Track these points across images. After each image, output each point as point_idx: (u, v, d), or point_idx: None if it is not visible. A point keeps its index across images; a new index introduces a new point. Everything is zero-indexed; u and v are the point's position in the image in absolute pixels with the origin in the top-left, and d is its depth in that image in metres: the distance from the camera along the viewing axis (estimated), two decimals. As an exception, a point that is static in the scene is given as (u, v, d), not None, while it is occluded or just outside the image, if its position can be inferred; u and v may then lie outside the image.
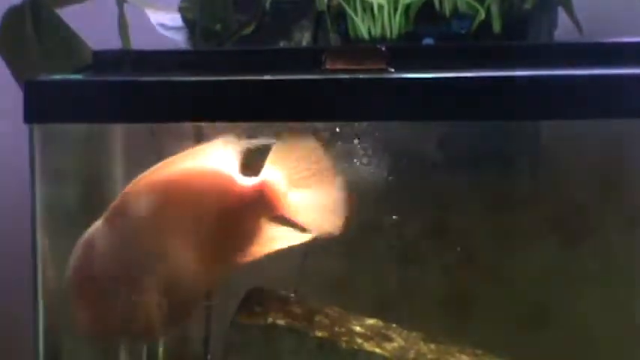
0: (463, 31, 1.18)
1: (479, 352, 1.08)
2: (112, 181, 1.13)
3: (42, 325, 1.05)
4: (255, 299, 1.10)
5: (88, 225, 1.06)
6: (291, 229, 0.90)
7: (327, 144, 0.91)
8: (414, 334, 1.09)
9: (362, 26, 1.18)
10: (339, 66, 1.01)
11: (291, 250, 1.04)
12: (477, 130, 1.05)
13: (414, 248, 1.14)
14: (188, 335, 1.18)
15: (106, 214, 0.93)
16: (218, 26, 1.24)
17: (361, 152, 1.10)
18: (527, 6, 1.18)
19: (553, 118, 0.97)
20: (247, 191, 0.89)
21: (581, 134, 1.06)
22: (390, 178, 1.10)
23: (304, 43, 1.21)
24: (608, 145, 1.07)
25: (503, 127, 1.04)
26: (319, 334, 1.06)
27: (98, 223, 0.93)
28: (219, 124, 0.98)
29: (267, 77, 0.98)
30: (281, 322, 1.06)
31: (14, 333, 1.31)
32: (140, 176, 0.90)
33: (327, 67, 1.01)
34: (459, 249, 1.11)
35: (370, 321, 1.09)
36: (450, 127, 1.05)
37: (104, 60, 1.11)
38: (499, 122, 1.01)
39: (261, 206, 0.89)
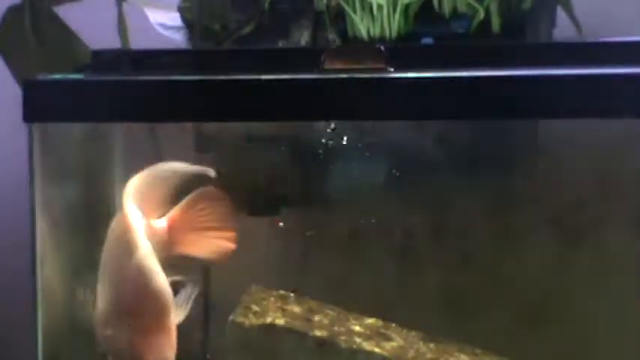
0: (462, 31, 1.17)
1: (478, 351, 1.08)
2: (111, 181, 1.13)
3: (41, 325, 1.05)
4: (254, 299, 1.10)
5: (86, 224, 1.07)
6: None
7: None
8: (413, 333, 1.09)
9: (361, 26, 1.18)
10: (338, 66, 1.01)
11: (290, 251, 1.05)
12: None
13: (414, 248, 1.14)
14: (187, 335, 1.18)
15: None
16: (217, 26, 1.24)
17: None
18: (526, 5, 1.18)
19: (552, 117, 0.97)
20: (156, 232, 0.98)
21: (581, 133, 1.06)
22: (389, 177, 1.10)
23: (303, 43, 1.21)
24: (607, 145, 1.07)
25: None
26: (318, 333, 1.06)
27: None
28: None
29: (266, 77, 0.98)
30: (280, 321, 1.06)
31: (14, 333, 1.31)
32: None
33: (326, 66, 1.01)
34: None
35: (369, 320, 1.09)
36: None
37: (103, 59, 1.11)
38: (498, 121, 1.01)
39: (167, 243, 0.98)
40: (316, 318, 1.07)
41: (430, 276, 1.13)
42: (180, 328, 1.17)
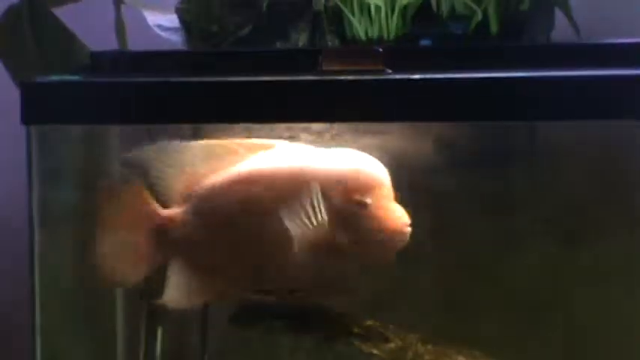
0: (460, 33, 1.18)
1: (476, 353, 1.08)
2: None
3: (39, 325, 1.05)
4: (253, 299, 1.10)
5: (85, 225, 1.07)
6: None
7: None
8: (411, 335, 1.09)
9: (359, 27, 1.18)
10: (336, 67, 1.01)
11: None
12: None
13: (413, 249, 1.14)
14: (185, 335, 1.18)
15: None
16: (215, 27, 1.24)
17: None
18: (524, 7, 1.18)
19: (549, 119, 0.98)
20: None
21: (578, 135, 1.06)
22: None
23: (301, 44, 1.21)
24: (604, 146, 1.07)
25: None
26: (316, 334, 1.06)
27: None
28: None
29: (263, 78, 0.98)
30: (278, 322, 1.06)
31: (12, 332, 1.31)
32: None
33: (324, 68, 1.01)
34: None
35: (368, 322, 1.09)
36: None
37: (101, 61, 1.12)
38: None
39: None
40: (315, 318, 1.07)
41: (431, 278, 1.13)
42: (178, 327, 1.17)
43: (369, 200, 0.95)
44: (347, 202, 0.94)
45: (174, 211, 0.96)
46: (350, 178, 0.95)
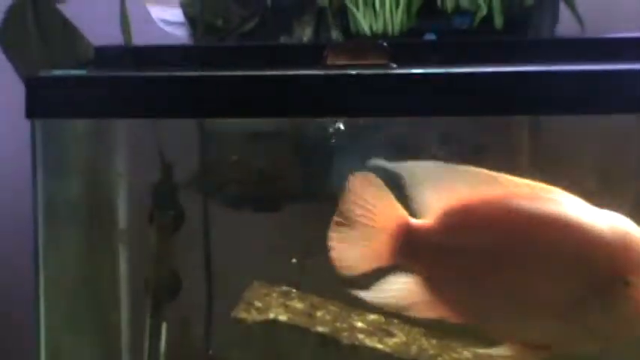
0: (465, 27, 1.17)
1: (481, 347, 1.08)
2: (113, 177, 1.13)
3: (43, 322, 1.05)
4: (257, 294, 1.10)
5: (88, 221, 1.07)
6: None
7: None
8: (415, 329, 1.09)
9: (363, 21, 1.18)
10: (341, 61, 1.00)
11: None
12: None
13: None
14: (189, 331, 1.18)
15: None
16: (220, 22, 1.24)
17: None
18: (529, 2, 1.18)
19: (554, 113, 0.97)
20: None
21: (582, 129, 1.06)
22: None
23: (305, 39, 1.21)
24: (608, 140, 1.06)
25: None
26: (320, 329, 1.06)
27: None
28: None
29: (268, 73, 0.98)
30: (282, 317, 1.06)
31: (14, 328, 1.31)
32: None
33: (329, 62, 1.01)
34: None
35: (372, 316, 1.09)
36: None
37: (106, 55, 1.12)
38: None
39: None
40: (318, 314, 1.07)
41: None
42: (182, 323, 1.17)
43: (633, 280, 0.86)
44: (609, 274, 0.86)
45: (423, 222, 0.90)
46: (621, 252, 0.86)
